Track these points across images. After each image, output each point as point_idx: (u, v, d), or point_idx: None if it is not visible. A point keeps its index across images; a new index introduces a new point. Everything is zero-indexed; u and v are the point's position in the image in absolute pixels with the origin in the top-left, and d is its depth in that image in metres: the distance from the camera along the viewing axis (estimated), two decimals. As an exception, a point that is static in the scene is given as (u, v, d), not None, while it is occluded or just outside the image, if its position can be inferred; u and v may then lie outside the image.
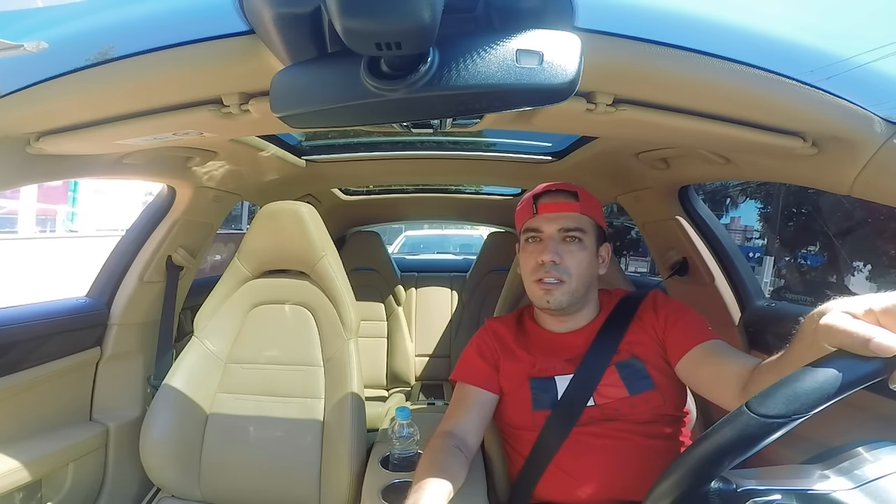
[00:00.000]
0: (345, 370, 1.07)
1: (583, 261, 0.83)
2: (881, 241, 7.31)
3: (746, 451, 0.38)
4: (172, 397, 1.07)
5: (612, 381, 0.80)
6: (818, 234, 8.52)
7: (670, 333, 0.81)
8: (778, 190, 8.30)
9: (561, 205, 0.85)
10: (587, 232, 0.84)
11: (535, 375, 0.85)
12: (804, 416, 0.37)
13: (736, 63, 0.55)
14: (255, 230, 1.16)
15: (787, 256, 9.04)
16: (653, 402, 0.79)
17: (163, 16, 0.55)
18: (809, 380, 0.37)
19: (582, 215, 0.84)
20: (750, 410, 0.38)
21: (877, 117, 0.62)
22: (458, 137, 1.56)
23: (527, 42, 0.41)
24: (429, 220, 4.60)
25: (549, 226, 0.84)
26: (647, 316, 0.85)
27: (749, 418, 0.38)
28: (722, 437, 0.39)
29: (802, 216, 8.96)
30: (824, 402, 0.36)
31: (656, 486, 0.42)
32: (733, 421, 0.38)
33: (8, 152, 0.78)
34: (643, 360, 0.81)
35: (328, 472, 1.01)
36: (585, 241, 0.84)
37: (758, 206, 10.04)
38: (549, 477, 0.81)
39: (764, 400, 0.38)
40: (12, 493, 0.93)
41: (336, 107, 0.46)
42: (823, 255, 8.57)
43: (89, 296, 1.23)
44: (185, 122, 0.73)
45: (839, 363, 0.38)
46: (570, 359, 0.84)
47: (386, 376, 2.22)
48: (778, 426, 0.37)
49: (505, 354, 0.89)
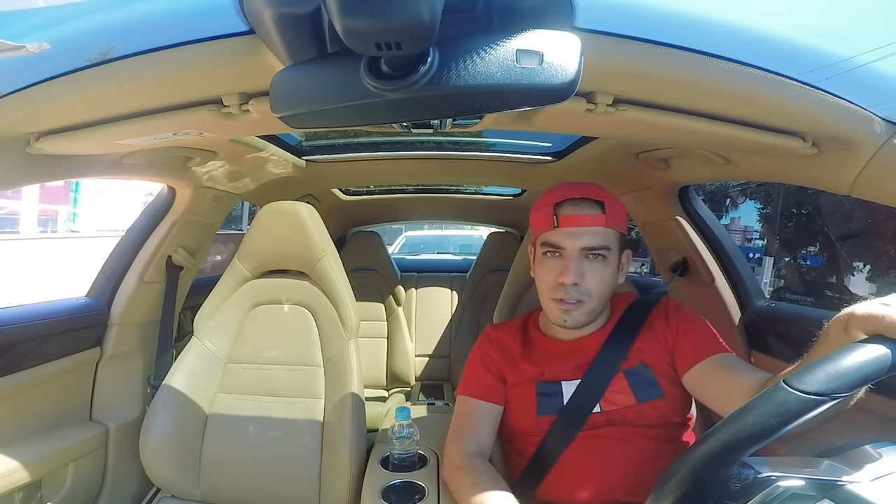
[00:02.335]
0: (345, 370, 1.07)
1: (606, 277, 0.79)
2: (881, 241, 7.33)
3: (781, 428, 0.36)
4: (172, 397, 1.07)
5: (620, 388, 0.79)
6: (818, 234, 8.54)
7: (680, 343, 0.80)
8: (777, 190, 8.32)
9: (585, 218, 0.77)
10: (612, 248, 0.78)
11: (541, 380, 0.84)
12: (843, 395, 0.36)
13: (736, 63, 0.54)
14: (255, 230, 1.16)
15: (787, 257, 9.06)
16: (660, 409, 0.78)
17: (163, 16, 0.55)
18: (851, 359, 0.37)
19: (608, 229, 0.78)
20: (788, 386, 0.37)
21: (877, 117, 0.62)
22: (458, 137, 1.56)
23: (527, 42, 0.41)
24: (429, 221, 4.63)
25: (571, 242, 0.77)
26: (659, 324, 0.83)
27: (787, 393, 0.37)
28: (758, 412, 0.37)
29: (802, 217, 8.97)
30: (864, 382, 0.36)
31: (687, 455, 0.40)
32: (770, 396, 0.37)
33: (8, 152, 0.78)
34: (652, 367, 0.80)
35: (328, 472, 1.01)
36: (610, 257, 0.78)
37: (757, 206, 10.06)
38: (550, 479, 0.80)
39: (803, 376, 0.37)
40: (12, 493, 0.93)
41: (336, 107, 0.46)
42: (823, 256, 8.60)
43: (89, 296, 1.23)
44: (185, 122, 0.73)
45: (881, 345, 0.37)
46: (578, 365, 0.82)
47: (386, 376, 2.22)
48: (816, 403, 0.36)
49: (510, 368, 0.87)
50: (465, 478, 0.76)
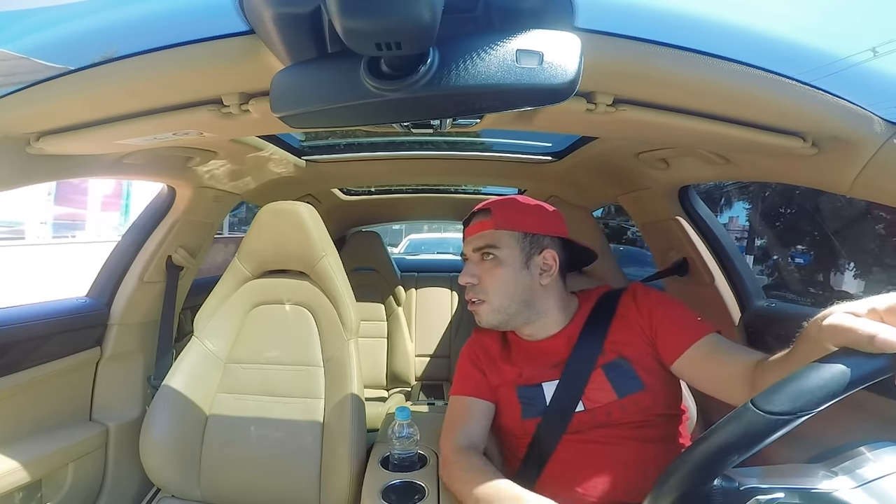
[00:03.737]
0: (345, 370, 1.07)
1: (500, 276, 0.83)
2: (862, 239, 7.52)
3: (751, 448, 0.38)
4: (172, 397, 1.07)
5: (600, 385, 0.79)
6: (799, 232, 8.74)
7: (660, 333, 0.80)
8: (759, 190, 8.51)
9: (474, 226, 0.87)
10: (502, 247, 0.83)
11: (521, 384, 0.85)
12: (810, 413, 0.37)
13: (736, 63, 0.54)
14: (255, 230, 1.16)
15: (768, 254, 9.31)
16: (643, 403, 0.78)
17: (163, 16, 0.55)
18: (815, 377, 0.37)
19: (496, 231, 0.84)
20: (755, 407, 0.38)
21: (877, 117, 0.62)
22: (458, 138, 1.56)
23: (527, 42, 0.41)
24: (429, 221, 4.74)
25: (468, 248, 0.88)
26: (630, 313, 0.84)
27: (754, 415, 0.38)
28: (726, 433, 0.39)
29: (783, 216, 9.21)
30: (830, 399, 0.37)
31: (659, 483, 0.42)
32: (738, 418, 0.38)
33: (8, 152, 0.78)
34: (630, 360, 0.80)
35: (328, 472, 1.01)
36: (501, 255, 0.83)
37: (742, 206, 10.33)
38: (545, 480, 0.81)
39: (769, 397, 0.38)
40: (12, 493, 0.93)
41: (336, 107, 0.45)
42: (806, 254, 8.78)
43: (89, 296, 1.23)
44: (185, 122, 0.73)
45: (845, 361, 0.38)
46: (556, 364, 0.83)
47: (386, 376, 2.22)
48: (783, 423, 0.37)
49: (490, 366, 0.89)
50: (459, 473, 0.77)
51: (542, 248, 0.85)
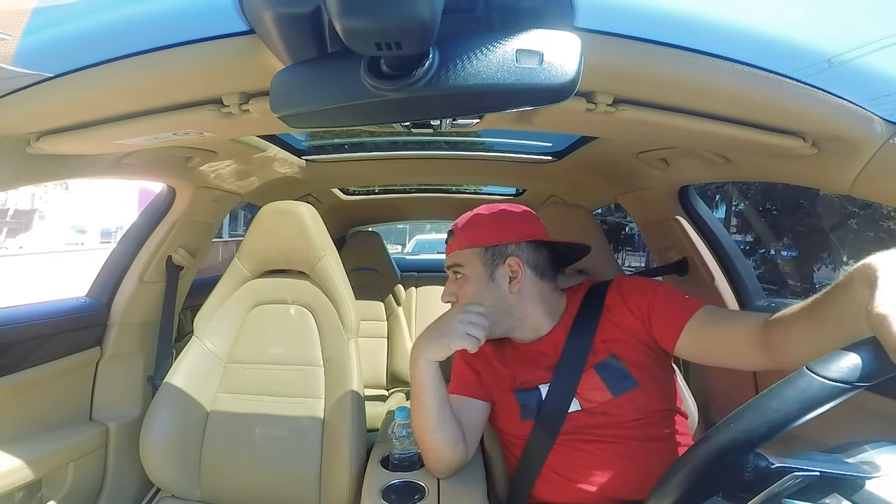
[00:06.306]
0: (345, 370, 1.07)
1: (469, 293, 0.85)
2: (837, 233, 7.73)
3: (805, 415, 0.36)
4: (172, 397, 1.07)
5: (594, 385, 0.80)
6: (779, 229, 9.03)
7: (654, 316, 0.80)
8: (737, 189, 8.83)
9: (447, 247, 0.91)
10: (466, 264, 0.86)
11: (518, 388, 0.85)
12: (866, 385, 0.36)
13: (736, 63, 0.54)
14: (255, 230, 1.16)
15: (750, 250, 9.58)
16: (638, 401, 0.78)
17: (163, 16, 0.55)
18: (880, 350, 0.37)
19: (460, 251, 0.87)
20: (812, 372, 0.37)
21: (877, 117, 0.62)
22: (458, 138, 1.56)
23: (527, 42, 0.41)
24: (428, 221, 4.86)
25: (446, 267, 0.91)
26: (617, 307, 0.84)
27: (811, 380, 0.37)
28: (780, 398, 0.37)
29: (763, 213, 9.53)
30: (890, 373, 0.36)
31: (709, 437, 0.40)
32: (794, 382, 0.37)
33: (8, 152, 0.78)
34: (622, 358, 0.80)
35: (328, 472, 1.01)
36: (466, 272, 0.86)
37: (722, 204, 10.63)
38: (544, 480, 0.81)
39: (828, 364, 0.37)
40: (12, 492, 0.93)
41: (336, 107, 0.45)
42: (785, 250, 9.00)
43: (89, 296, 1.23)
44: (185, 122, 0.73)
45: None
46: (548, 366, 0.84)
47: (386, 376, 2.22)
48: (840, 391, 0.36)
49: (485, 367, 0.90)
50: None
51: (506, 256, 0.85)
